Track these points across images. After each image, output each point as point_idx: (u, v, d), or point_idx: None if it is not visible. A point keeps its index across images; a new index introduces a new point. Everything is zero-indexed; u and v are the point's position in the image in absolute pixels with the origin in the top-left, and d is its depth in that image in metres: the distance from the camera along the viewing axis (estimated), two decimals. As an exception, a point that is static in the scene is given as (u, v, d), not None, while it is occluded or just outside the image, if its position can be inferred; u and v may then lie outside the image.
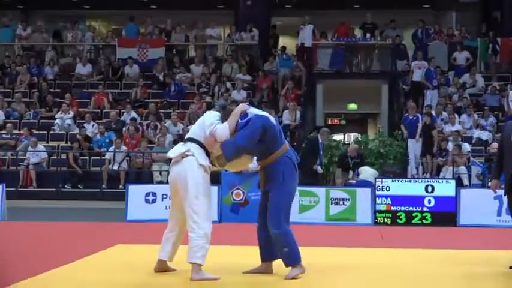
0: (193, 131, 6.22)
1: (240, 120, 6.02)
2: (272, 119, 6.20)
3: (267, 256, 6.27)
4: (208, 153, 6.07)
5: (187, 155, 6.03)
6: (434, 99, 18.00)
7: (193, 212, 5.93)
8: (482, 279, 6.30)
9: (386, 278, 6.36)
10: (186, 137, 6.28)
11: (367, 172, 13.93)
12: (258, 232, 6.28)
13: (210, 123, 6.07)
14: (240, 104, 6.28)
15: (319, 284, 6.11)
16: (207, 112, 6.46)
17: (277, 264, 6.29)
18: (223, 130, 5.94)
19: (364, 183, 13.30)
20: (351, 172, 14.35)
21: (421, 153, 15.78)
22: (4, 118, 18.49)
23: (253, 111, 6.18)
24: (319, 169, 13.98)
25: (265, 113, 6.24)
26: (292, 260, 6.09)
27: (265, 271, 6.27)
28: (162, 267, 6.29)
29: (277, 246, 6.10)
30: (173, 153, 6.17)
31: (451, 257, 7.69)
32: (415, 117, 15.98)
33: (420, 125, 15.82)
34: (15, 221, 11.96)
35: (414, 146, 15.84)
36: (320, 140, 14.16)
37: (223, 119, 6.10)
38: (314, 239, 9.42)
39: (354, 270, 6.69)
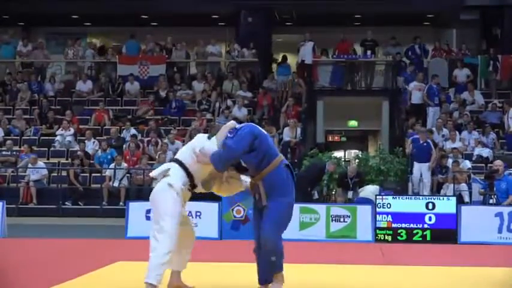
0: (181, 151, 6.24)
1: (228, 135, 5.97)
2: (262, 130, 6.13)
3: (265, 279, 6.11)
4: (190, 176, 6.03)
5: (166, 175, 6.03)
6: (436, 117, 17.97)
7: (157, 231, 5.90)
8: None
9: None
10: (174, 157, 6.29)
11: (367, 190, 13.93)
12: (256, 253, 6.13)
13: (200, 142, 6.07)
14: (230, 122, 6.21)
15: None
16: (198, 135, 6.47)
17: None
18: (211, 145, 5.96)
19: (364, 201, 13.27)
20: (350, 192, 14.35)
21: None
22: (4, 135, 18.50)
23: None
24: (316, 195, 14.24)
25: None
26: (277, 267, 6.00)
27: None
28: (176, 283, 6.27)
29: (265, 253, 5.92)
30: (155, 172, 6.22)
31: (452, 275, 7.68)
32: (425, 143, 15.49)
33: (434, 154, 15.50)
34: (15, 237, 11.91)
35: (422, 171, 15.44)
36: (327, 170, 14.53)
37: (211, 136, 6.12)
38: (314, 256, 9.52)
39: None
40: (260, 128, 6.11)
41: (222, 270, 7.38)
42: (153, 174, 6.26)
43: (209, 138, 6.11)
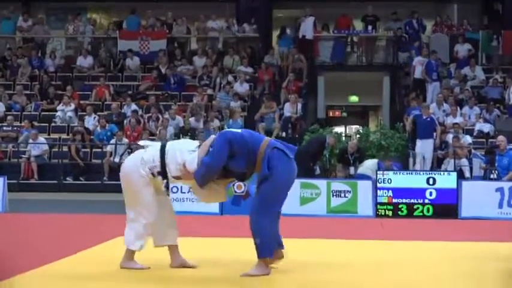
0: (170, 143, 6.20)
1: (210, 149, 5.86)
2: (236, 130, 6.01)
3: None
4: (164, 167, 5.97)
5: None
6: (435, 92, 17.93)
7: (134, 201, 6.06)
8: (483, 274, 6.22)
9: (388, 271, 6.31)
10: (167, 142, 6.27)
11: (365, 165, 13.92)
12: None
13: (182, 153, 5.94)
14: (209, 138, 6.04)
15: (321, 278, 5.97)
16: (186, 140, 6.48)
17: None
18: (193, 160, 5.86)
19: (361, 177, 13.30)
20: (351, 168, 14.37)
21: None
22: (5, 110, 18.50)
23: None
24: (318, 170, 14.28)
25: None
26: (261, 252, 5.74)
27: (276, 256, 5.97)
28: (178, 262, 6.23)
29: (252, 234, 5.79)
30: (143, 143, 6.30)
31: (453, 250, 7.63)
32: (429, 119, 15.43)
33: (438, 128, 15.50)
34: (16, 213, 11.93)
35: (425, 147, 15.33)
36: (327, 143, 14.47)
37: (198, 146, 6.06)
38: (315, 231, 9.40)
39: (355, 263, 6.62)
40: (233, 130, 5.99)
41: (223, 245, 7.38)
42: (140, 142, 6.33)
43: (198, 147, 6.01)
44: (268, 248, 5.75)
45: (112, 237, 8.04)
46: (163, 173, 5.97)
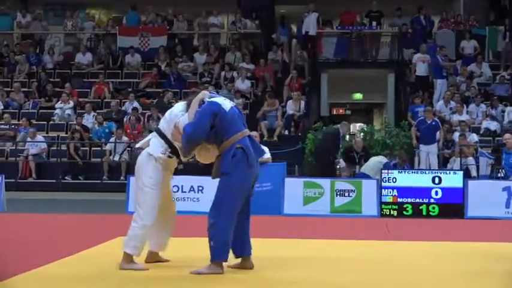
0: (161, 120, 6.18)
1: (198, 109, 5.81)
2: (226, 105, 5.83)
3: (239, 252, 5.92)
4: (170, 143, 5.96)
5: (148, 146, 6.06)
6: (443, 89, 17.64)
7: (137, 202, 5.96)
8: (489, 274, 6.09)
9: (392, 271, 6.19)
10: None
11: (366, 164, 13.66)
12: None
13: (175, 115, 5.97)
14: (201, 92, 6.10)
15: (324, 278, 5.83)
16: (176, 103, 6.40)
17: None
18: (184, 121, 5.84)
19: (363, 176, 13.10)
20: (357, 167, 14.15)
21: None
22: (3, 108, 18.35)
23: (213, 99, 5.90)
24: (342, 163, 13.90)
25: (220, 99, 5.94)
26: (213, 256, 5.66)
27: (243, 266, 5.94)
28: (154, 258, 6.23)
29: (208, 235, 5.73)
30: (139, 143, 6.27)
31: (459, 250, 7.48)
32: (433, 122, 15.20)
33: (441, 130, 15.24)
34: (14, 212, 11.81)
35: (429, 153, 15.15)
36: (341, 133, 14.19)
37: (187, 109, 5.98)
38: (318, 232, 9.30)
39: (359, 264, 6.51)
40: (223, 105, 5.80)
41: None
42: (137, 145, 6.26)
43: (186, 110, 5.97)
44: (221, 253, 5.67)
45: (112, 237, 7.92)
46: (174, 151, 5.95)
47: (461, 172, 12.55)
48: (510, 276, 6.08)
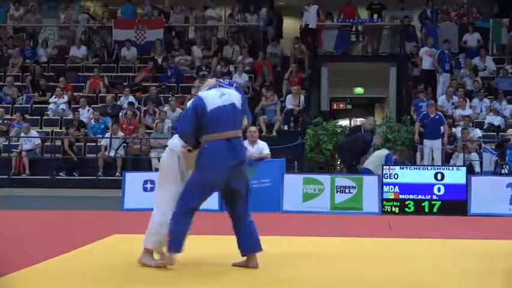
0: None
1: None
2: (212, 102, 5.80)
3: (245, 250, 6.03)
4: None
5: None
6: (446, 84, 17.34)
7: (158, 197, 6.09)
8: (493, 272, 6.03)
9: (394, 269, 6.17)
10: None
11: (368, 159, 13.46)
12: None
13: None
14: (208, 80, 6.20)
15: (324, 276, 5.82)
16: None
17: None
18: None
19: (364, 171, 12.97)
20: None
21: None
22: (-4, 103, 18.10)
23: (205, 92, 5.95)
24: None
25: (211, 93, 5.90)
26: (169, 246, 5.87)
27: (246, 265, 6.00)
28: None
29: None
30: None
31: (462, 248, 7.45)
32: (437, 116, 14.90)
33: (446, 126, 14.94)
34: (7, 209, 11.63)
35: (433, 149, 14.81)
36: (374, 143, 13.93)
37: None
38: (319, 229, 9.24)
39: (359, 261, 6.49)
40: (206, 101, 5.81)
41: (222, 242, 7.15)
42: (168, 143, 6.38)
43: None
44: (175, 244, 5.82)
45: (107, 235, 7.95)
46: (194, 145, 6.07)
47: (465, 168, 12.31)
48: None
